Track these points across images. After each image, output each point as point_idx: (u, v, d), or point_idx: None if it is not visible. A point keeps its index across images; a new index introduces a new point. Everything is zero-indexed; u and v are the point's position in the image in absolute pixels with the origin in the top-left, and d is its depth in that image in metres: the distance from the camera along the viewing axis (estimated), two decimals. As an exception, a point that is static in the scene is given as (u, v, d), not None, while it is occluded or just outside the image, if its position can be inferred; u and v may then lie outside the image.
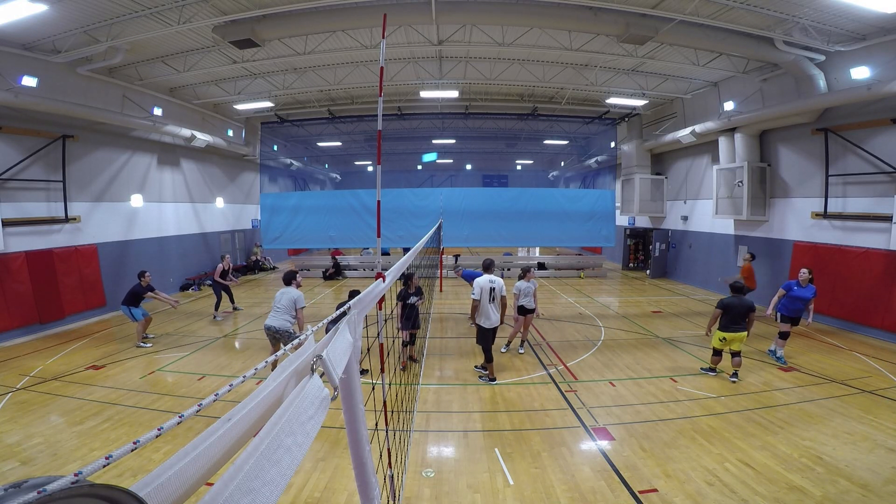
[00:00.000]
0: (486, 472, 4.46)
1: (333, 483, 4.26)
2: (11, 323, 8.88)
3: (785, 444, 4.90)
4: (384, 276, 2.17)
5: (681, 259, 16.05)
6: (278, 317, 6.38)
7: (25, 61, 8.80)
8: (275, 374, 0.97)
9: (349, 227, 15.44)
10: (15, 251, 8.98)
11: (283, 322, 6.37)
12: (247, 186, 19.09)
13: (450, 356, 7.96)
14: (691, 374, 7.11)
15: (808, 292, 7.17)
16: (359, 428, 1.48)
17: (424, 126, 19.06)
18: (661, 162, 17.28)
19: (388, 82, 12.96)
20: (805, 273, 7.22)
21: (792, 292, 7.26)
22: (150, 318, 9.06)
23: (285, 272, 6.82)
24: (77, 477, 0.48)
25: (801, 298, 7.20)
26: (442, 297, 13.38)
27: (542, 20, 8.85)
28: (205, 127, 14.58)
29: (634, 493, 4.09)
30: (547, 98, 15.45)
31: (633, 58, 11.14)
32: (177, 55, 10.57)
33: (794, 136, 11.05)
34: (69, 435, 5.16)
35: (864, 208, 9.36)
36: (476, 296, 6.50)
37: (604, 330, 9.76)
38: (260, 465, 0.70)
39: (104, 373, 7.18)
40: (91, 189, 11.03)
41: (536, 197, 16.75)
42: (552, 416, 5.67)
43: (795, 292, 7.23)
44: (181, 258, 14.52)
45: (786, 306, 7.38)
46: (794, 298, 7.26)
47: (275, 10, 8.32)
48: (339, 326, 1.32)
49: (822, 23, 8.37)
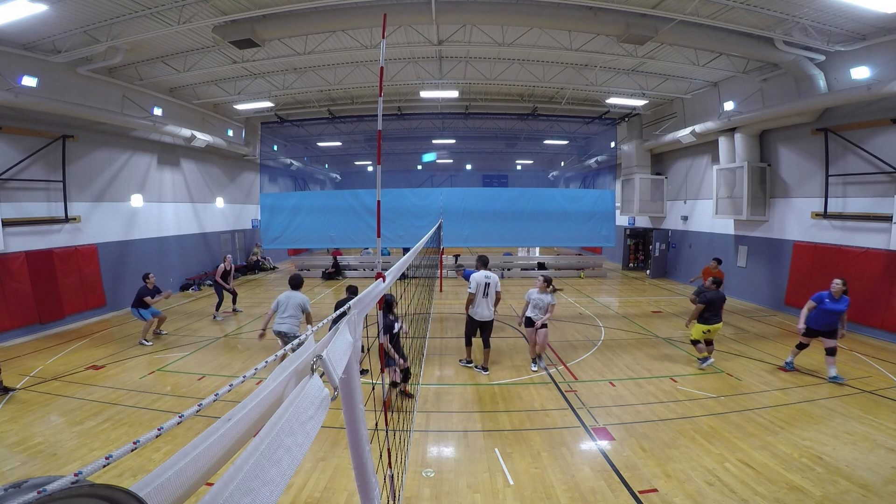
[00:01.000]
0: (486, 472, 4.46)
1: (333, 483, 4.26)
2: (11, 323, 8.87)
3: (785, 444, 4.90)
4: (384, 276, 2.17)
5: (681, 259, 16.05)
6: (288, 321, 6.50)
7: (25, 61, 8.80)
8: (275, 374, 0.97)
9: (349, 227, 15.45)
10: (15, 251, 8.98)
11: (293, 326, 6.52)
12: (247, 186, 19.09)
13: (450, 356, 7.96)
14: (691, 374, 7.11)
15: (842, 304, 6.46)
16: (359, 428, 1.48)
17: (424, 126, 19.06)
18: (661, 162, 17.28)
19: (388, 82, 12.96)
20: (838, 284, 6.45)
21: (824, 305, 6.52)
22: (163, 317, 9.19)
23: (292, 276, 6.84)
24: (77, 477, 0.48)
25: (834, 312, 6.48)
26: (442, 297, 13.37)
27: (542, 20, 8.85)
28: (205, 127, 14.58)
29: (634, 493, 4.09)
30: (547, 98, 15.45)
31: (633, 58, 11.14)
32: (177, 55, 10.57)
33: (794, 136, 11.05)
34: (69, 435, 5.16)
35: (864, 208, 9.36)
36: (472, 290, 6.89)
37: (604, 330, 9.76)
38: (260, 465, 0.70)
39: (104, 373, 7.18)
40: (91, 189, 11.03)
41: (536, 197, 16.77)
42: (552, 416, 5.67)
43: (828, 305, 6.49)
44: (181, 258, 14.52)
45: (818, 320, 6.61)
46: (826, 312, 6.52)
47: (275, 10, 8.32)
48: (339, 326, 1.32)
49: (822, 23, 8.37)
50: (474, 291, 6.88)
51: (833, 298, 6.49)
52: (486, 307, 6.93)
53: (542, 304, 6.86)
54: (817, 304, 6.59)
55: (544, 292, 6.88)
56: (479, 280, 6.88)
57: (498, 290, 6.98)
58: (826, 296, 6.54)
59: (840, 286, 6.45)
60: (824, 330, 6.61)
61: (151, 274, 8.79)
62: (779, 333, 9.47)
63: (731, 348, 8.37)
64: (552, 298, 6.92)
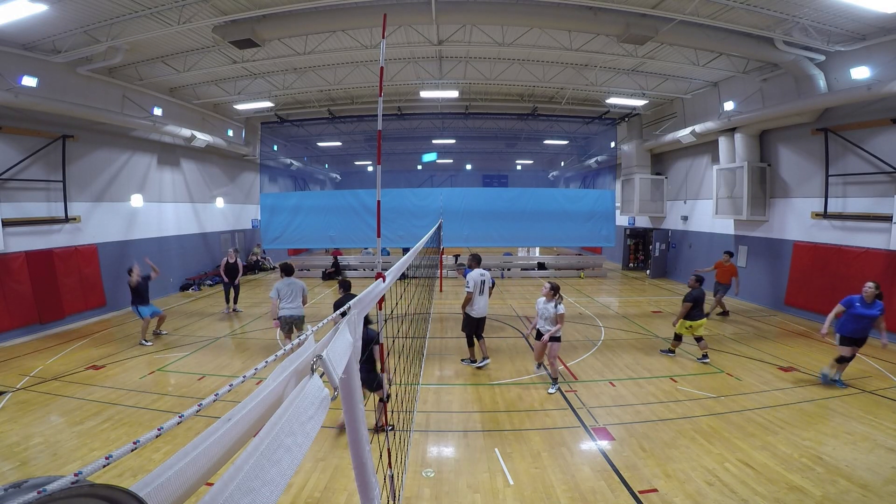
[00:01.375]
0: (486, 472, 4.46)
1: (333, 483, 4.26)
2: (11, 323, 8.87)
3: (785, 444, 4.90)
4: (384, 275, 2.17)
5: (681, 259, 16.04)
6: (294, 306, 7.18)
7: (25, 61, 8.80)
8: (275, 374, 0.97)
9: (349, 227, 15.44)
10: (15, 251, 8.97)
11: (299, 310, 7.23)
12: (247, 186, 19.09)
13: (450, 356, 7.96)
14: (691, 373, 7.11)
15: (875, 309, 6.04)
16: (359, 428, 1.48)
17: (424, 126, 19.06)
18: (661, 162, 17.28)
19: (388, 82, 12.96)
20: (871, 287, 6.01)
21: (854, 310, 6.08)
22: (163, 316, 9.16)
23: (285, 264, 7.42)
24: (77, 477, 0.48)
25: (866, 317, 6.05)
26: (442, 297, 13.38)
27: (542, 20, 8.85)
28: (205, 127, 14.57)
29: (634, 493, 4.09)
30: (547, 98, 15.45)
31: (633, 58, 11.14)
32: (177, 55, 10.57)
33: (794, 136, 11.05)
34: (69, 435, 5.16)
35: (864, 208, 9.35)
36: (470, 288, 7.10)
37: (604, 330, 9.76)
38: (260, 465, 0.70)
39: (104, 373, 7.18)
40: (91, 189, 11.03)
41: (536, 197, 16.77)
42: (552, 416, 5.67)
43: (858, 310, 6.05)
44: (181, 258, 14.51)
45: (847, 326, 6.19)
46: (856, 317, 6.08)
47: (275, 10, 8.32)
48: (339, 326, 1.32)
49: (822, 23, 8.37)
50: (472, 290, 7.10)
51: (865, 303, 6.04)
52: (483, 304, 7.22)
53: (549, 315, 6.29)
54: (847, 308, 6.15)
55: (551, 301, 6.31)
56: (477, 279, 7.12)
57: (491, 287, 7.41)
58: (857, 300, 6.09)
59: (872, 289, 6.00)
60: (854, 337, 6.14)
61: (134, 266, 8.70)
62: (779, 333, 9.47)
63: (731, 348, 8.37)
64: (561, 308, 6.25)
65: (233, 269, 11.25)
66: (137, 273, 8.60)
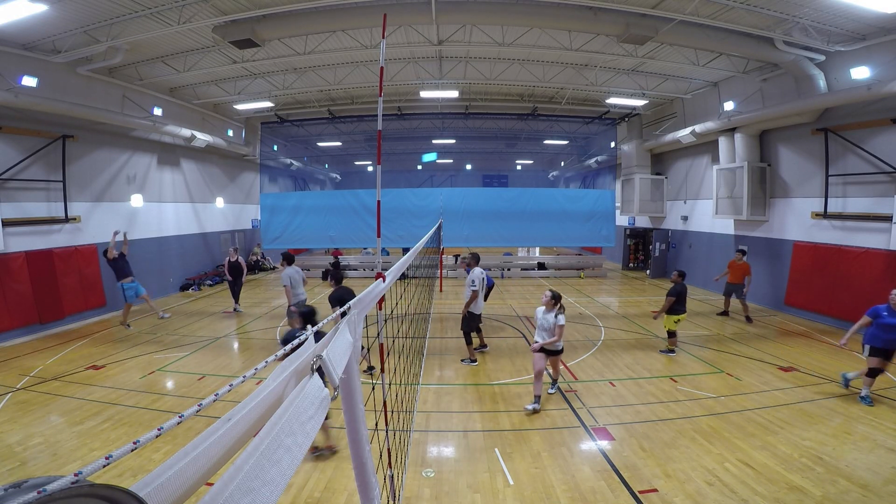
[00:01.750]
0: (486, 472, 4.47)
1: (333, 483, 4.26)
2: (11, 323, 8.87)
3: (785, 444, 4.90)
4: (384, 275, 2.17)
5: (681, 259, 16.03)
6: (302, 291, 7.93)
7: (25, 61, 8.80)
8: (275, 374, 0.97)
9: (349, 227, 15.44)
10: (15, 251, 8.98)
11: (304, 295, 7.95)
12: (247, 186, 19.09)
13: (450, 356, 7.96)
14: (691, 373, 7.11)
15: None
16: (359, 428, 1.48)
17: (424, 126, 19.05)
18: (661, 162, 17.28)
19: (388, 82, 12.96)
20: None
21: (881, 319, 5.71)
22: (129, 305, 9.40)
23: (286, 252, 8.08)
24: (77, 477, 0.48)
25: (894, 327, 5.67)
26: (442, 297, 13.37)
27: (542, 20, 8.85)
28: (205, 127, 14.57)
29: (634, 493, 4.09)
30: (547, 98, 15.45)
31: (633, 58, 11.14)
32: (177, 55, 10.57)
33: (794, 136, 11.04)
34: (69, 435, 5.16)
35: (864, 208, 9.35)
36: (476, 287, 7.34)
37: (604, 330, 9.76)
38: (260, 465, 0.70)
39: (104, 373, 7.18)
40: (91, 189, 11.03)
41: (536, 197, 16.76)
42: (552, 416, 5.67)
43: (886, 319, 5.67)
44: (181, 258, 14.51)
45: (875, 336, 5.79)
46: (885, 327, 5.69)
47: (275, 10, 8.32)
48: (339, 326, 1.31)
49: (821, 23, 8.37)
50: (478, 288, 7.36)
51: (892, 312, 5.69)
52: (482, 301, 7.64)
53: (548, 325, 5.77)
54: (873, 318, 5.78)
55: (550, 311, 5.78)
56: (479, 277, 7.40)
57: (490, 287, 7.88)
58: (884, 309, 5.73)
59: None
60: (885, 349, 5.73)
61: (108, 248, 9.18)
62: (779, 333, 9.47)
63: (731, 348, 8.37)
64: (561, 319, 5.70)
65: (235, 268, 11.26)
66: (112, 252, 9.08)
